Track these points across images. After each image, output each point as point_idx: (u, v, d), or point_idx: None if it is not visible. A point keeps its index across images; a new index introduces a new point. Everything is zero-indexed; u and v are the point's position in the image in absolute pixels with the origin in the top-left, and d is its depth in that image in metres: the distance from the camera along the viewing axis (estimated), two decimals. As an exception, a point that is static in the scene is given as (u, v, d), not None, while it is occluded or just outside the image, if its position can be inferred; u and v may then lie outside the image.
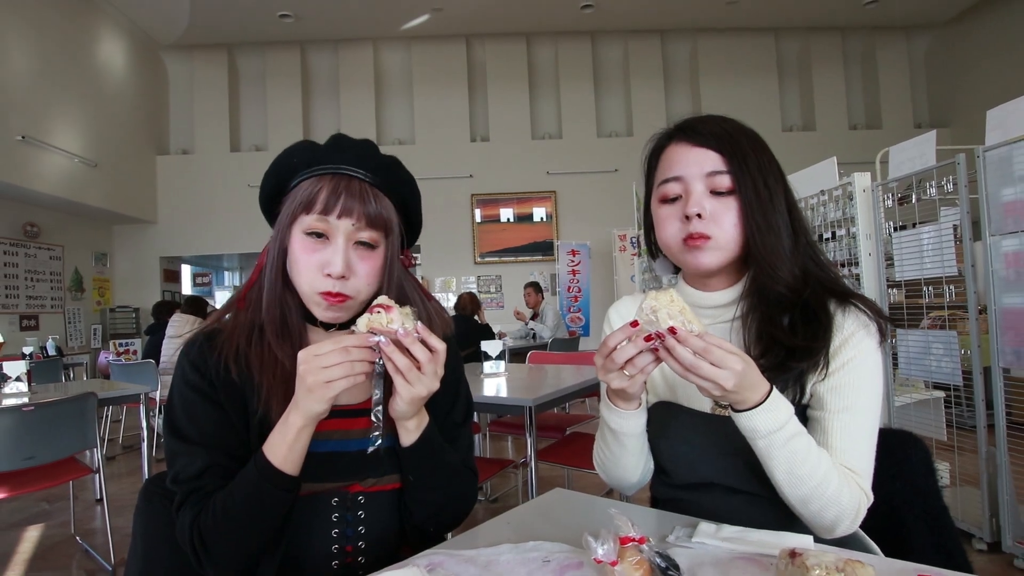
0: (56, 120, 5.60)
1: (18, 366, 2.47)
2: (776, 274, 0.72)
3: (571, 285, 6.71)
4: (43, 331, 5.87)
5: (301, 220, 0.71)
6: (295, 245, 0.72)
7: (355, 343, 0.63)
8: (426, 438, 0.72)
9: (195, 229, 7.22)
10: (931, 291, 2.20)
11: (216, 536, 0.65)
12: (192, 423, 0.70)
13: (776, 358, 0.70)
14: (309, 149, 0.74)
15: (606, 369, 0.65)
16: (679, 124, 0.78)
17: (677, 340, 0.60)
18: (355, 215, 0.71)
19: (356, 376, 0.63)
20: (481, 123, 7.66)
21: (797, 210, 0.76)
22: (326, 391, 0.62)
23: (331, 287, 0.70)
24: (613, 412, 0.75)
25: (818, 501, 0.65)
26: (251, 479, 0.66)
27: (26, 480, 2.02)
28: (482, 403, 1.91)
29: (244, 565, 0.68)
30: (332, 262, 0.70)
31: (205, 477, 0.68)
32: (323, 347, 0.62)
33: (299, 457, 0.67)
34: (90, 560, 2.30)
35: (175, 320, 4.25)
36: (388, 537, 0.76)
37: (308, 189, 0.71)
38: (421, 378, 0.65)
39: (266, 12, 6.65)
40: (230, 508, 0.65)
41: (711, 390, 0.62)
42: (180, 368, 0.73)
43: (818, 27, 7.60)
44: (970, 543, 2.07)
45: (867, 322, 0.71)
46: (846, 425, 0.69)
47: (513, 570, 0.59)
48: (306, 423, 0.65)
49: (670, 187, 0.75)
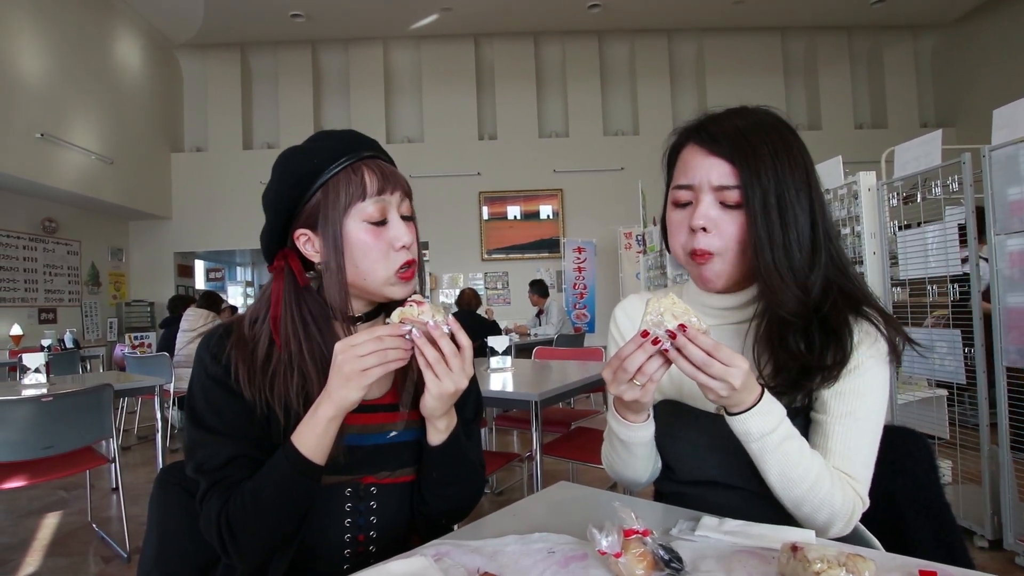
0: (74, 118, 5.70)
1: (37, 358, 2.47)
2: (777, 297, 0.68)
3: (577, 282, 6.72)
4: (61, 324, 5.98)
5: (358, 208, 0.71)
6: (357, 236, 0.71)
7: (388, 332, 0.65)
8: (454, 438, 0.74)
9: (208, 225, 7.30)
10: (935, 290, 2.20)
11: (244, 525, 0.66)
12: (216, 414, 0.70)
13: (790, 375, 0.69)
14: (325, 150, 0.73)
15: (618, 381, 0.64)
16: (698, 123, 0.75)
17: (688, 338, 0.60)
18: (400, 189, 0.74)
19: (389, 364, 0.64)
20: (489, 121, 7.68)
21: (822, 217, 0.71)
22: (362, 379, 0.64)
23: (407, 256, 0.73)
24: (621, 424, 0.74)
25: (810, 503, 0.66)
26: (281, 469, 0.66)
27: (44, 469, 2.06)
28: (488, 397, 1.91)
29: (269, 554, 0.69)
30: (400, 236, 0.72)
31: (231, 467, 0.68)
32: (358, 337, 0.64)
33: (327, 447, 0.68)
34: (106, 547, 2.34)
35: (189, 314, 4.32)
36: (399, 527, 0.78)
37: (350, 178, 0.71)
38: (449, 373, 0.66)
39: (278, 12, 6.71)
40: (259, 497, 0.66)
41: (719, 390, 0.61)
42: (200, 360, 0.73)
43: (824, 26, 7.54)
44: (971, 540, 2.07)
45: (878, 334, 0.70)
46: (848, 430, 0.69)
47: (518, 561, 0.59)
48: (337, 413, 0.66)
49: (681, 193, 0.73)
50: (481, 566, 0.59)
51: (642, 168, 6.69)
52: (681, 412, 0.78)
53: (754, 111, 0.74)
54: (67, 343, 4.83)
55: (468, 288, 4.82)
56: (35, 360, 2.47)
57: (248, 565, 0.69)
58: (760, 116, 0.73)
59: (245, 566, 0.69)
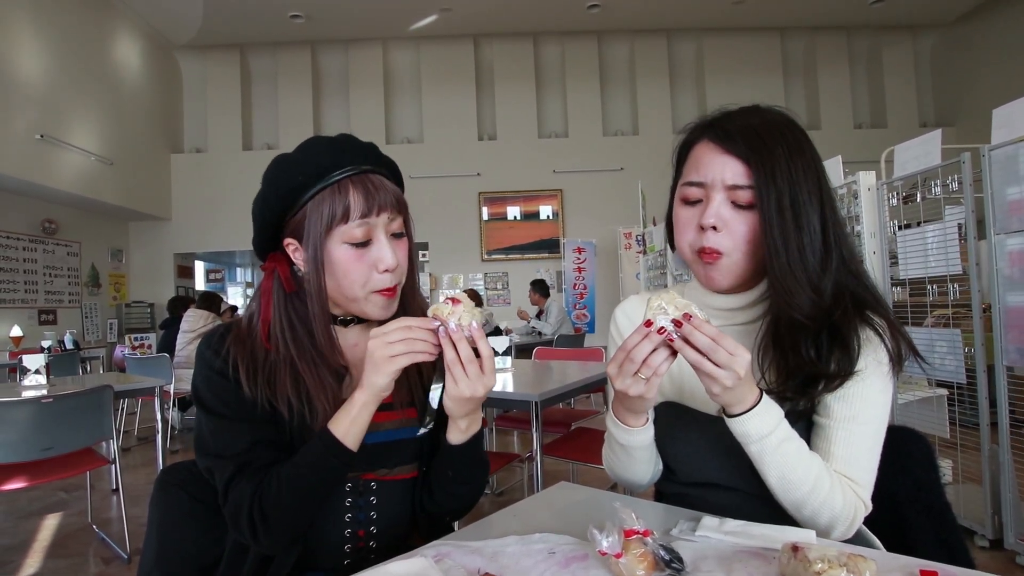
0: (73, 119, 5.70)
1: (37, 359, 2.47)
2: (791, 300, 0.67)
3: (577, 282, 6.73)
4: (61, 325, 5.98)
5: (339, 230, 0.70)
6: (338, 256, 0.71)
7: (418, 323, 0.66)
8: (475, 440, 0.75)
9: (208, 226, 7.30)
10: (935, 289, 2.20)
11: (279, 509, 0.66)
12: (226, 404, 0.71)
13: (797, 380, 0.69)
14: (312, 163, 0.72)
15: (623, 374, 0.63)
16: (712, 119, 0.74)
17: (693, 326, 0.60)
18: (388, 208, 0.72)
19: (416, 355, 0.65)
20: (488, 122, 7.68)
21: (834, 220, 0.70)
22: (390, 365, 0.65)
23: (388, 282, 0.72)
24: (620, 429, 0.74)
25: (811, 506, 0.66)
26: (317, 452, 0.68)
27: (45, 470, 2.06)
28: (489, 398, 1.90)
29: (296, 538, 0.70)
30: (383, 258, 0.71)
31: (256, 450, 0.69)
32: (390, 326, 0.66)
33: (360, 432, 0.69)
34: (106, 548, 2.34)
35: (189, 315, 4.32)
36: (399, 523, 0.78)
37: (334, 198, 0.70)
38: (464, 378, 0.65)
39: (278, 13, 6.71)
40: (295, 481, 0.67)
41: (724, 379, 0.60)
42: (202, 357, 0.74)
43: (824, 26, 7.55)
44: (972, 540, 2.07)
45: (880, 342, 0.69)
46: (850, 435, 0.69)
47: (519, 561, 0.59)
48: (369, 399, 0.67)
49: (692, 191, 0.72)
50: (482, 567, 0.59)
51: (642, 168, 6.69)
52: (681, 414, 0.78)
53: (767, 110, 0.73)
54: (67, 344, 4.83)
55: (469, 289, 4.83)
56: (35, 361, 2.48)
57: (275, 549, 0.70)
58: (773, 115, 0.72)
59: (272, 550, 0.70)
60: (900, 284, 2.38)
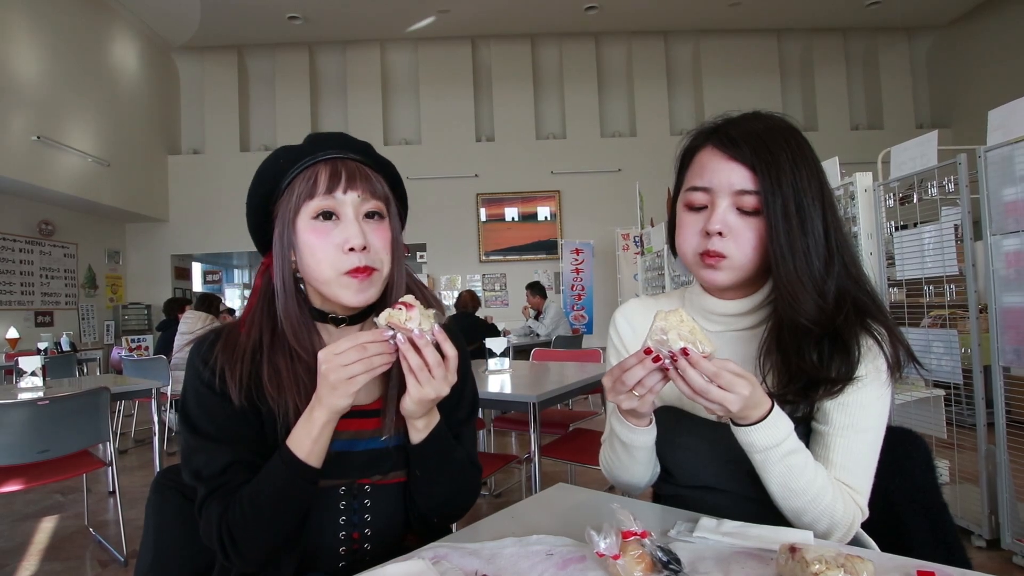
0: (70, 120, 5.69)
1: (33, 361, 2.46)
2: (798, 305, 0.68)
3: (575, 284, 6.73)
4: (57, 327, 5.96)
5: (307, 206, 0.70)
6: (305, 234, 0.70)
7: (371, 339, 0.64)
8: (434, 437, 0.73)
9: (205, 227, 7.29)
10: (932, 290, 2.21)
11: (245, 530, 0.66)
12: (210, 420, 0.70)
13: (798, 386, 0.69)
14: (292, 149, 0.74)
15: (616, 391, 0.65)
16: (716, 125, 0.74)
17: (689, 363, 0.59)
18: (359, 188, 0.71)
19: (375, 370, 0.64)
20: (486, 123, 7.69)
21: (836, 225, 0.71)
22: (348, 387, 0.64)
23: (357, 262, 0.69)
24: (624, 426, 0.73)
25: (811, 514, 0.66)
26: (279, 473, 0.67)
27: (41, 472, 2.05)
28: (486, 399, 1.91)
29: (270, 557, 0.69)
30: (349, 236, 0.69)
31: (229, 473, 0.68)
32: (341, 345, 0.63)
33: (323, 450, 0.68)
34: (103, 551, 2.33)
35: (187, 317, 4.31)
36: (394, 526, 0.78)
37: (305, 178, 0.71)
38: (431, 380, 0.65)
39: (275, 14, 6.71)
40: (258, 502, 0.66)
41: (716, 411, 0.62)
42: (192, 367, 0.73)
43: (820, 28, 7.58)
44: (969, 540, 2.08)
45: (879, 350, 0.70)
46: (849, 442, 0.69)
47: (516, 563, 0.59)
48: (330, 418, 0.66)
49: (697, 196, 0.72)
50: (479, 568, 0.59)
51: (639, 169, 6.71)
52: (682, 418, 0.78)
53: (769, 116, 0.74)
54: (64, 346, 4.82)
55: (467, 290, 4.83)
56: (31, 363, 2.46)
57: (250, 568, 0.69)
58: (775, 121, 0.73)
59: (247, 569, 0.69)
60: (897, 285, 2.39)
